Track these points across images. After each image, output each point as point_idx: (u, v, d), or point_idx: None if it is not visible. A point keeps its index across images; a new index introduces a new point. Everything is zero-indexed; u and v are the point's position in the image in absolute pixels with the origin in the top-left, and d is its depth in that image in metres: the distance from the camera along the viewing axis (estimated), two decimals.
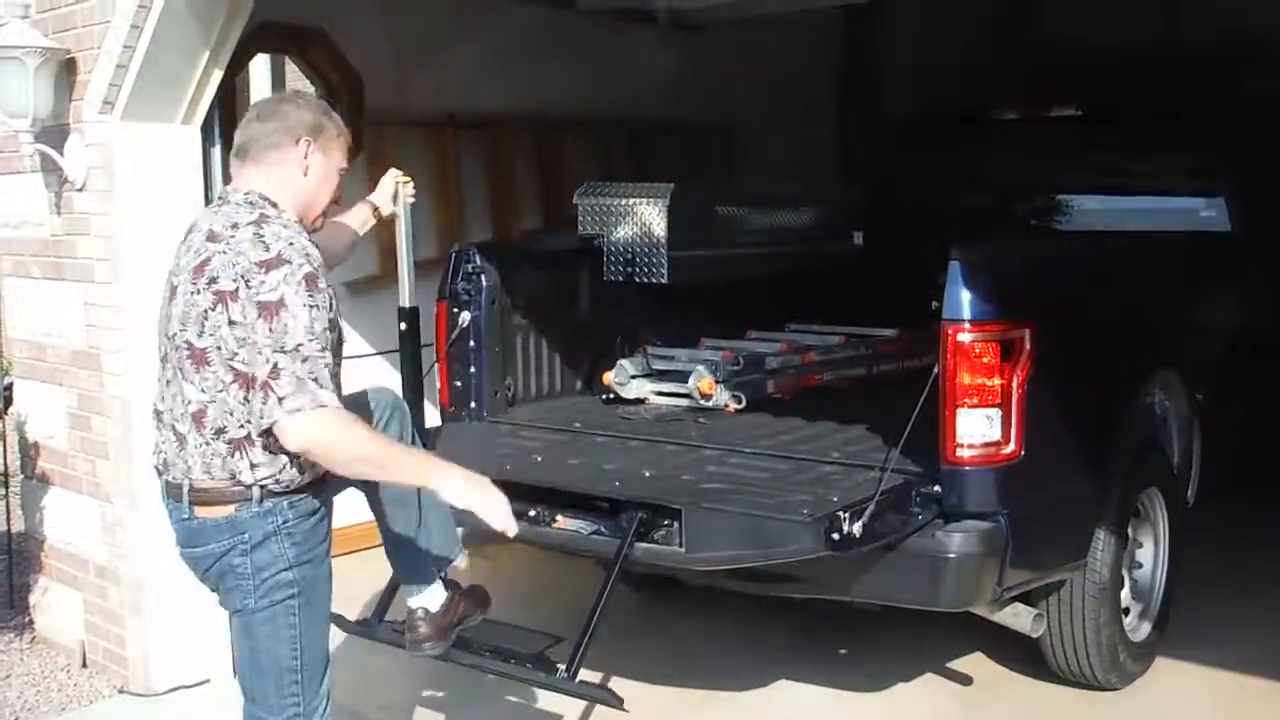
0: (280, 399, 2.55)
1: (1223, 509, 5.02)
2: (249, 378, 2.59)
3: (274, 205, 2.77)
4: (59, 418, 4.72)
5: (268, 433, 2.61)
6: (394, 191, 3.70)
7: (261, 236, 2.64)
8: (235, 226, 2.68)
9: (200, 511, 2.73)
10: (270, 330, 2.55)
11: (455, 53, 5.86)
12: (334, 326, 2.70)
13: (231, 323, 2.59)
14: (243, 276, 2.59)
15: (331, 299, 2.68)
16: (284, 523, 2.72)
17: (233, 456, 2.68)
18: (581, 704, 3.94)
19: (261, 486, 2.69)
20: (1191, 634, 4.41)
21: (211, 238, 2.69)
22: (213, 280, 2.62)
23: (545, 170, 6.30)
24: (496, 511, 2.78)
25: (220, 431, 2.67)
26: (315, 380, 2.57)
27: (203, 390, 2.66)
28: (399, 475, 2.79)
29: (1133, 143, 5.75)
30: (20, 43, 4.22)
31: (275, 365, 2.54)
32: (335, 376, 2.69)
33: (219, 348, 2.62)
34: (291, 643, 2.77)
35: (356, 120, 5.54)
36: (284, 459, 2.68)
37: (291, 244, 2.64)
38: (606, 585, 3.44)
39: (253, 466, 2.68)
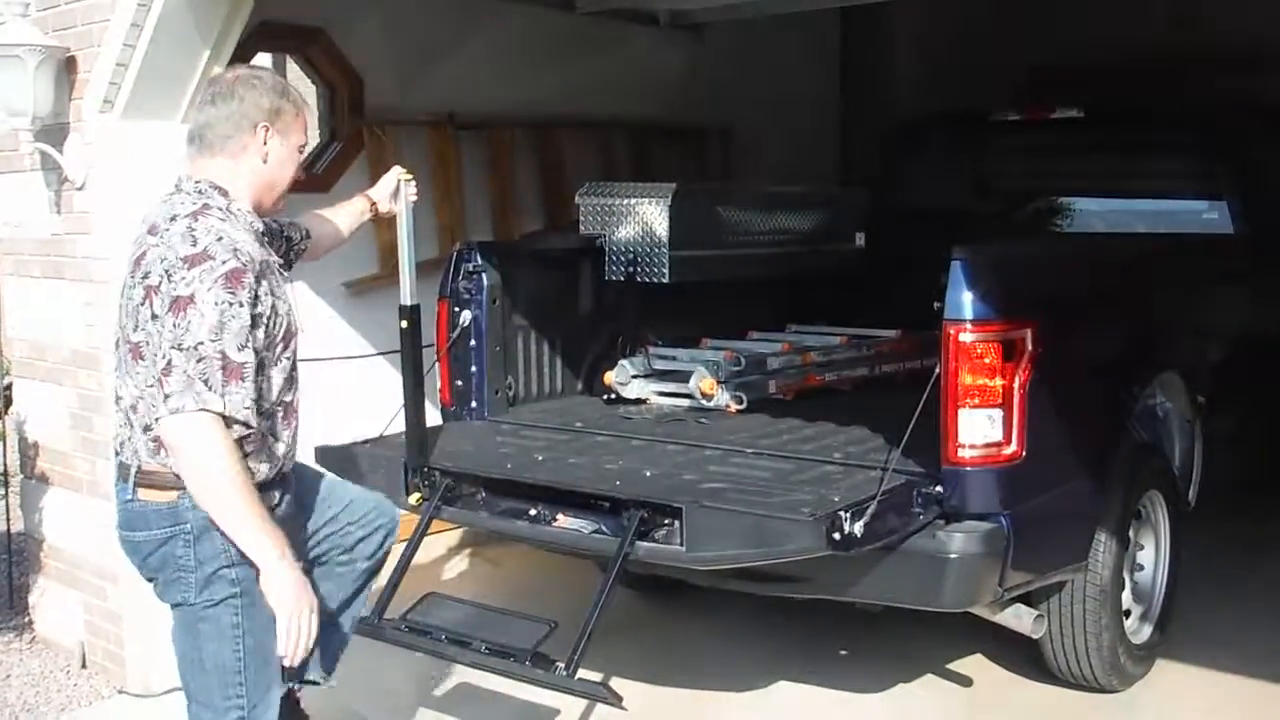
0: (166, 396, 2.50)
1: (1224, 512, 5.01)
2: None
3: (224, 194, 2.73)
4: (59, 417, 4.71)
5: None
6: (395, 188, 3.67)
7: (193, 230, 2.60)
8: (174, 219, 2.64)
9: (143, 494, 2.69)
10: (174, 325, 2.51)
11: (456, 53, 5.85)
12: (267, 321, 2.65)
13: (154, 317, 2.57)
14: (167, 272, 2.56)
15: (261, 296, 2.62)
16: None
17: (158, 454, 2.66)
18: (581, 702, 3.93)
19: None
20: (1193, 636, 4.40)
21: (151, 230, 2.68)
22: (145, 275, 2.60)
23: (546, 170, 6.29)
24: (296, 638, 2.65)
25: (147, 428, 2.67)
26: (205, 382, 2.50)
27: (136, 385, 2.66)
28: (238, 529, 2.58)
29: (1135, 145, 5.75)
30: (20, 41, 4.22)
31: (169, 362, 2.50)
32: (264, 369, 2.66)
33: (148, 343, 2.60)
34: (235, 643, 2.70)
35: (357, 119, 5.55)
36: None
37: (220, 239, 2.58)
38: (607, 584, 3.43)
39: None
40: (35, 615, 5.06)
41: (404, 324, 3.99)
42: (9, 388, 5.37)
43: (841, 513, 3.19)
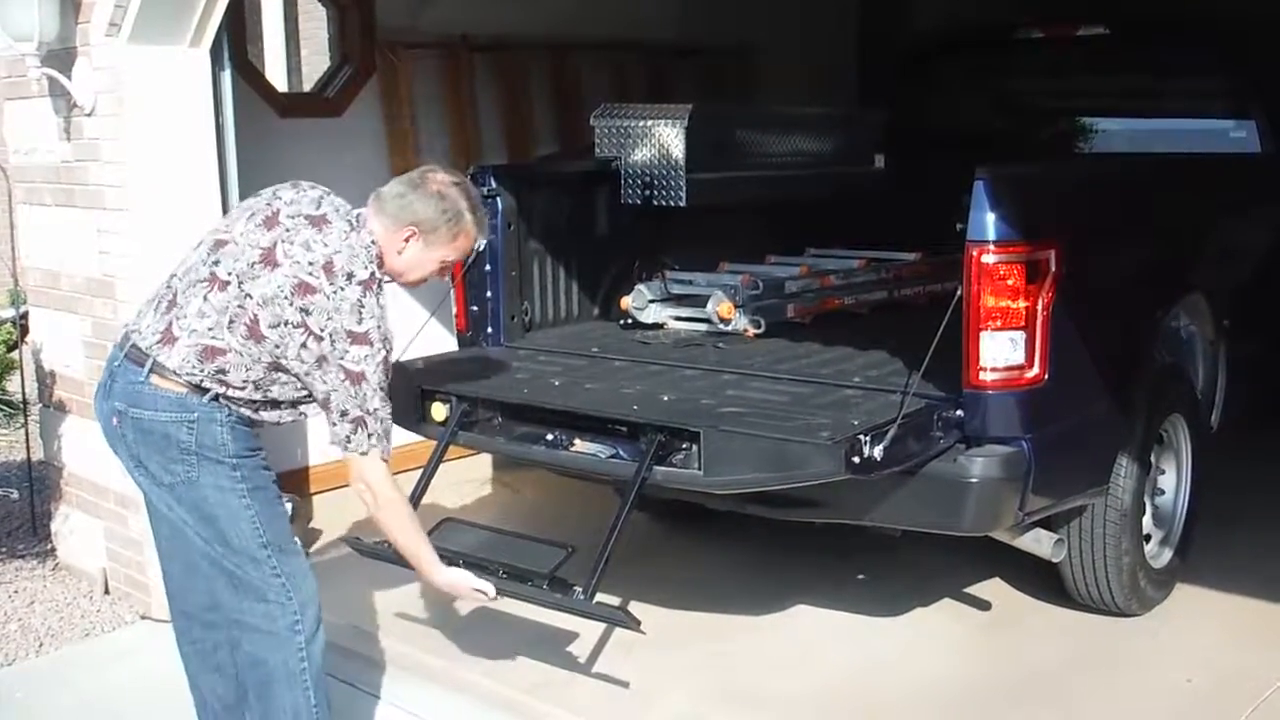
0: (370, 434, 2.94)
1: (1246, 436, 4.97)
2: (288, 371, 2.93)
3: (380, 264, 3.00)
4: (74, 346, 4.70)
5: (274, 403, 2.98)
6: None
7: (361, 306, 2.88)
8: (350, 278, 2.89)
9: (155, 380, 2.92)
10: (354, 394, 2.90)
11: None
12: None
13: (304, 346, 2.88)
14: (331, 335, 2.87)
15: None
16: (228, 416, 2.94)
17: (215, 383, 2.91)
18: (598, 627, 3.95)
19: (217, 397, 2.93)
20: (1212, 561, 4.39)
21: (328, 269, 2.89)
22: (305, 311, 2.87)
23: (560, 92, 6.20)
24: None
25: (223, 372, 2.91)
26: (388, 435, 2.97)
27: (240, 350, 2.90)
28: (408, 545, 3.14)
29: (1161, 62, 5.62)
30: None
31: (362, 417, 2.92)
32: None
33: (277, 345, 2.89)
34: (251, 521, 2.95)
35: (368, 41, 5.47)
36: (253, 408, 2.96)
37: (379, 326, 2.92)
38: (625, 507, 3.42)
39: (224, 396, 2.93)
40: (58, 542, 5.10)
41: None
42: (25, 316, 5.36)
43: (861, 436, 3.17)
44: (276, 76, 9.71)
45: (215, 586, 3.02)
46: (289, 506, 3.99)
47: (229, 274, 2.92)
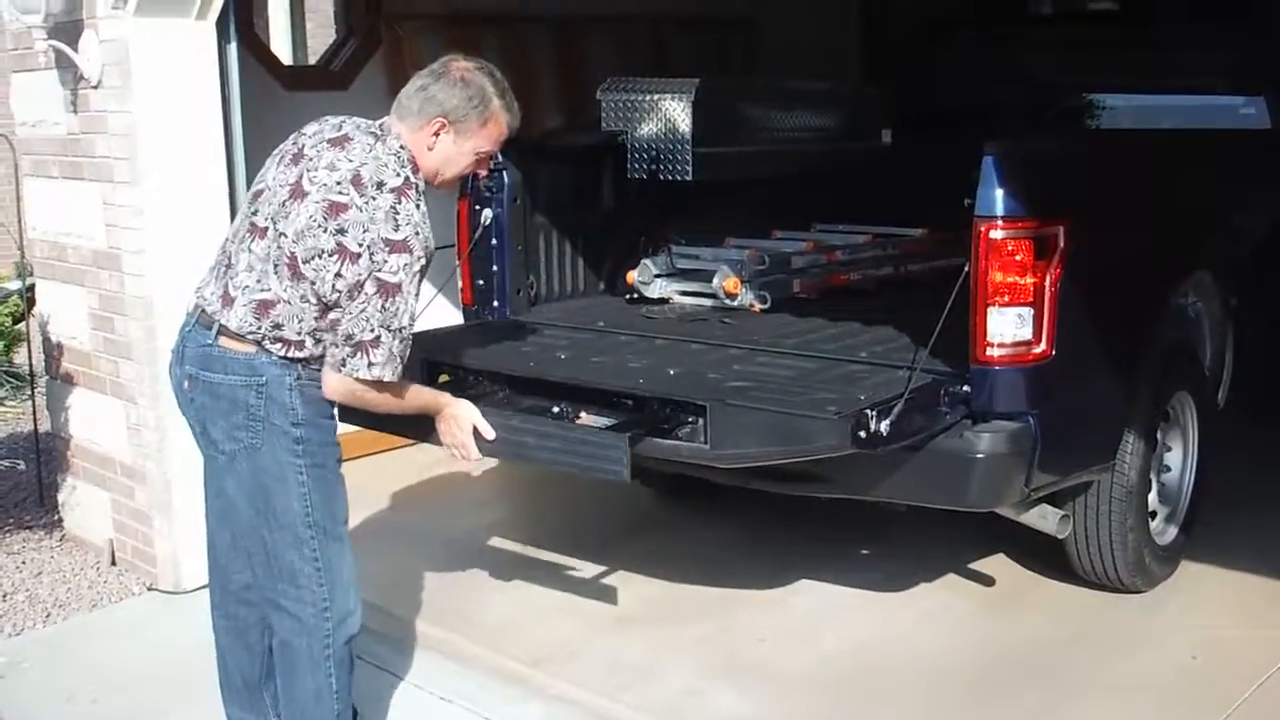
0: (371, 364, 2.85)
1: (1254, 414, 4.96)
2: (330, 307, 2.83)
3: (415, 168, 2.92)
4: (81, 318, 4.71)
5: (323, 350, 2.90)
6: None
7: (396, 213, 2.80)
8: (380, 186, 2.82)
9: (224, 342, 2.90)
10: (383, 308, 2.80)
11: None
12: None
13: (339, 275, 2.79)
14: (369, 246, 2.78)
15: None
16: (297, 379, 2.90)
17: (275, 343, 2.88)
18: (604, 602, 3.94)
19: (284, 356, 2.89)
20: (1217, 538, 4.38)
21: (357, 182, 2.82)
22: (341, 231, 2.79)
23: (565, 66, 6.17)
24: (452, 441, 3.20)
25: (278, 326, 2.87)
26: (401, 359, 2.88)
27: (284, 291, 2.85)
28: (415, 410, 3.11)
29: (1171, 38, 5.59)
30: None
31: (378, 337, 2.82)
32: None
33: (314, 280, 2.81)
34: (303, 499, 2.92)
35: (372, 14, 5.45)
36: (319, 363, 2.91)
37: (418, 233, 2.83)
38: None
39: (286, 356, 2.89)
40: (65, 513, 5.12)
41: None
42: (32, 288, 5.37)
43: (868, 411, 3.16)
44: (282, 49, 9.67)
45: (255, 563, 3.02)
46: None
47: (266, 219, 2.89)
